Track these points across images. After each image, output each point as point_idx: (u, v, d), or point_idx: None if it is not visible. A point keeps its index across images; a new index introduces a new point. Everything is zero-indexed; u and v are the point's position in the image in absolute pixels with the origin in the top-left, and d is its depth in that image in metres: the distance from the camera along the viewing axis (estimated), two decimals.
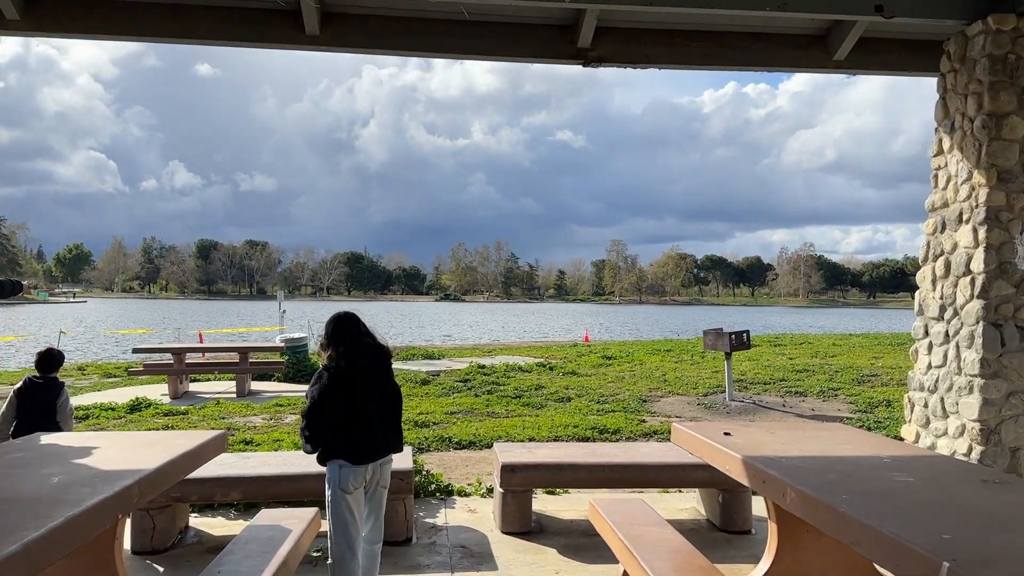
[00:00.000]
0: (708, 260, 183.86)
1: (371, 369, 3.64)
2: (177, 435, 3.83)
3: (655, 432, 8.64)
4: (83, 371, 17.84)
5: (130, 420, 9.97)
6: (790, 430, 3.95)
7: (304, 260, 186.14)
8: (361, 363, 3.59)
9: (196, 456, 3.37)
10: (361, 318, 3.81)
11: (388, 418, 3.70)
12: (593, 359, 16.89)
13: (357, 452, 3.58)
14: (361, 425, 3.55)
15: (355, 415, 3.54)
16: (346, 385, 3.53)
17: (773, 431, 3.86)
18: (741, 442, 3.49)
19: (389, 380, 3.75)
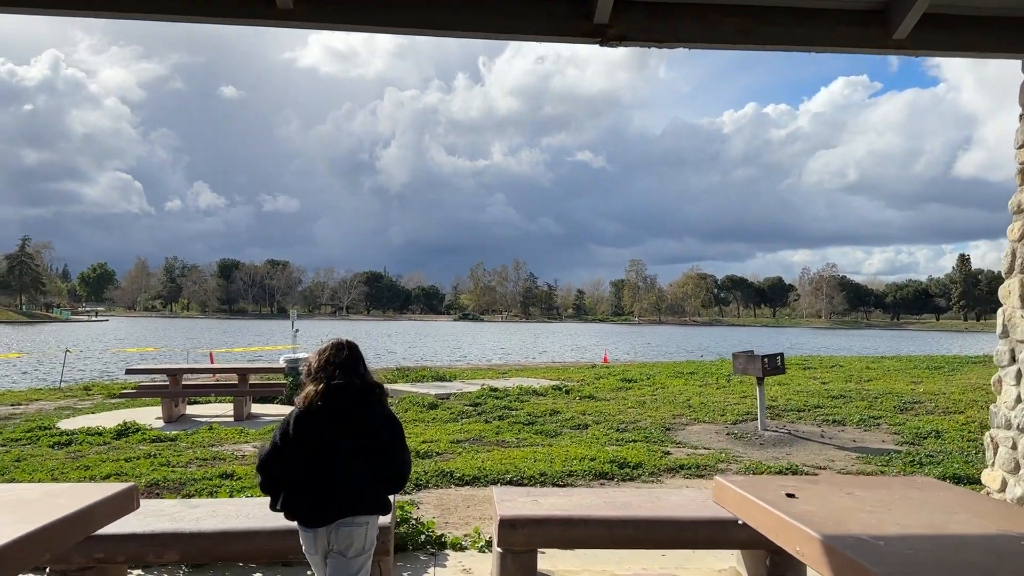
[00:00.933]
0: (728, 280, 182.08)
1: (352, 412, 3.07)
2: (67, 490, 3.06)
3: (681, 467, 7.76)
4: (88, 391, 17.24)
5: (114, 446, 9.25)
6: (872, 489, 3.08)
7: (324, 280, 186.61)
8: (343, 406, 3.05)
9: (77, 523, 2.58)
10: (361, 351, 3.25)
11: (368, 472, 3.07)
12: (612, 382, 15.99)
13: (308, 512, 3.03)
14: (319, 480, 2.99)
15: (316, 467, 2.99)
16: (317, 431, 3.00)
17: (850, 490, 2.99)
18: (813, 509, 2.63)
19: (374, 424, 3.10)
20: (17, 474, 7.22)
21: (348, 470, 3.01)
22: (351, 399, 3.06)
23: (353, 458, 3.02)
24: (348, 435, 3.03)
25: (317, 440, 3.00)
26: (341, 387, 3.04)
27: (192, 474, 7.20)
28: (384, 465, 3.09)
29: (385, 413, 3.17)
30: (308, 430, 3.00)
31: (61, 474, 7.30)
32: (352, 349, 3.19)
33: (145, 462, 7.91)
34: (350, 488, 3.01)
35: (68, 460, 8.20)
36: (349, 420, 3.05)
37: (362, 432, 3.05)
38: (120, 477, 7.07)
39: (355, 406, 3.07)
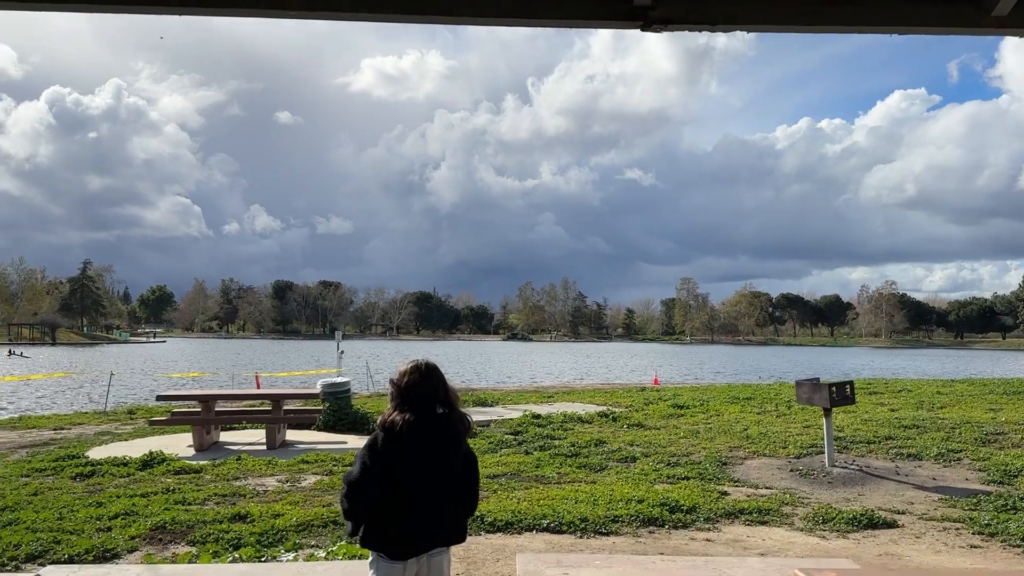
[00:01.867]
0: (783, 299, 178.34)
1: (440, 439, 3.06)
2: None
3: (741, 511, 6.95)
4: (132, 415, 17.08)
5: (136, 479, 8.81)
6: None
7: (375, 300, 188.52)
8: (429, 435, 3.02)
9: None
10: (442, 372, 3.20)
11: (452, 500, 3.08)
12: (662, 408, 15.14)
13: (399, 542, 2.97)
14: (410, 510, 2.97)
15: (405, 496, 2.97)
16: (404, 455, 2.98)
17: None
18: None
19: (459, 451, 3.14)
20: (25, 513, 6.79)
21: (437, 499, 3.01)
22: (437, 428, 3.04)
23: (440, 487, 3.03)
24: (434, 464, 3.03)
25: (405, 469, 2.97)
26: (428, 415, 3.02)
27: (205, 514, 6.68)
28: (463, 496, 3.13)
29: (466, 445, 3.20)
30: (395, 458, 2.97)
31: (71, 512, 6.85)
32: (433, 372, 3.13)
33: (161, 498, 7.43)
34: (440, 518, 3.02)
35: (85, 495, 7.78)
36: (435, 449, 3.04)
37: (446, 462, 3.06)
38: (129, 517, 6.58)
39: (441, 435, 3.05)
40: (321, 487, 8.11)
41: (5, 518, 6.62)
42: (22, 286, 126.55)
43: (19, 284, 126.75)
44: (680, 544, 5.97)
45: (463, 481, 3.12)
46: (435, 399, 3.08)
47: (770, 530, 6.52)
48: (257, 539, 5.74)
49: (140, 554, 5.53)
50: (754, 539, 6.20)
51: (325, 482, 8.36)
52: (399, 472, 2.96)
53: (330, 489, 7.98)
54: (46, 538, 5.73)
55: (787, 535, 6.38)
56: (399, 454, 2.97)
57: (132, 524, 6.30)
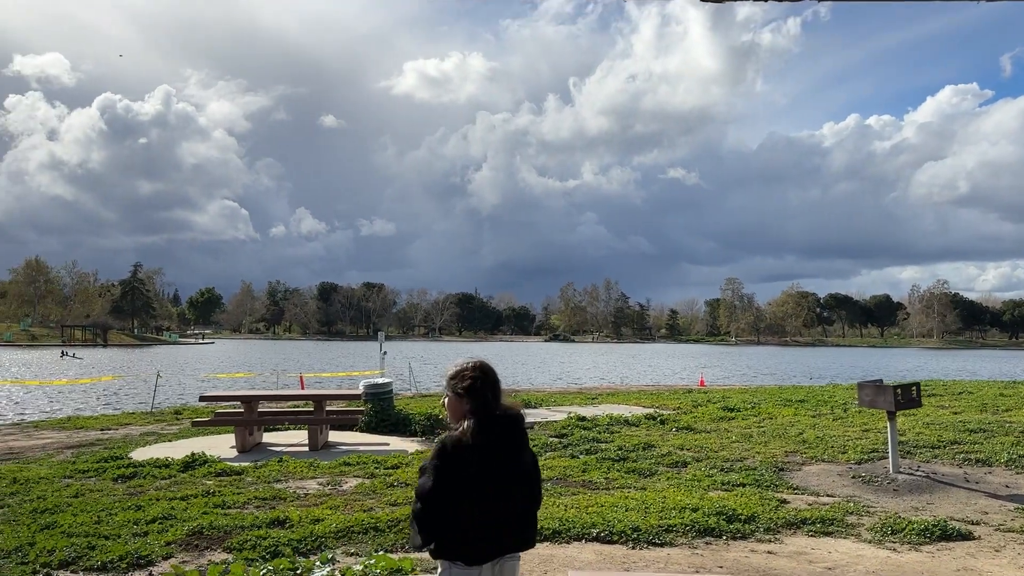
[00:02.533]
0: (831, 299, 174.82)
1: (507, 441, 2.97)
2: None
3: (803, 521, 6.53)
4: (178, 415, 17.17)
5: (177, 480, 8.70)
6: None
7: (418, 301, 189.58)
8: (500, 438, 2.94)
9: None
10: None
11: (524, 500, 3.01)
12: (712, 410, 14.66)
13: (478, 547, 2.87)
14: (490, 511, 2.88)
15: (485, 498, 2.87)
16: (479, 458, 2.87)
17: None
18: None
19: (525, 452, 3.07)
20: (63, 516, 6.68)
21: (511, 500, 2.94)
22: (507, 428, 2.97)
23: (513, 488, 2.95)
24: (506, 465, 2.95)
25: (481, 472, 2.87)
26: (496, 416, 2.94)
27: (244, 518, 6.50)
28: (532, 495, 3.06)
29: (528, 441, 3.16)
30: (470, 463, 2.87)
31: (109, 515, 6.73)
32: (492, 371, 3.05)
33: (200, 501, 7.28)
34: (514, 519, 2.96)
35: (125, 497, 7.68)
36: (506, 450, 2.96)
37: (516, 462, 2.99)
38: (167, 521, 6.43)
39: (510, 435, 2.98)
40: (362, 491, 7.90)
41: (44, 521, 6.52)
42: (75, 289, 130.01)
43: (72, 287, 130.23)
44: (740, 557, 5.60)
45: (532, 480, 3.08)
46: (497, 399, 3.02)
47: (836, 541, 6.11)
48: (295, 546, 5.53)
49: (175, 561, 5.36)
50: (820, 551, 5.80)
51: (366, 485, 8.14)
52: (475, 477, 2.88)
53: (371, 493, 7.76)
54: (81, 543, 5.59)
55: (855, 547, 5.96)
56: (474, 458, 2.89)
57: (169, 529, 6.15)
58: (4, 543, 5.70)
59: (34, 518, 6.67)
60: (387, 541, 5.78)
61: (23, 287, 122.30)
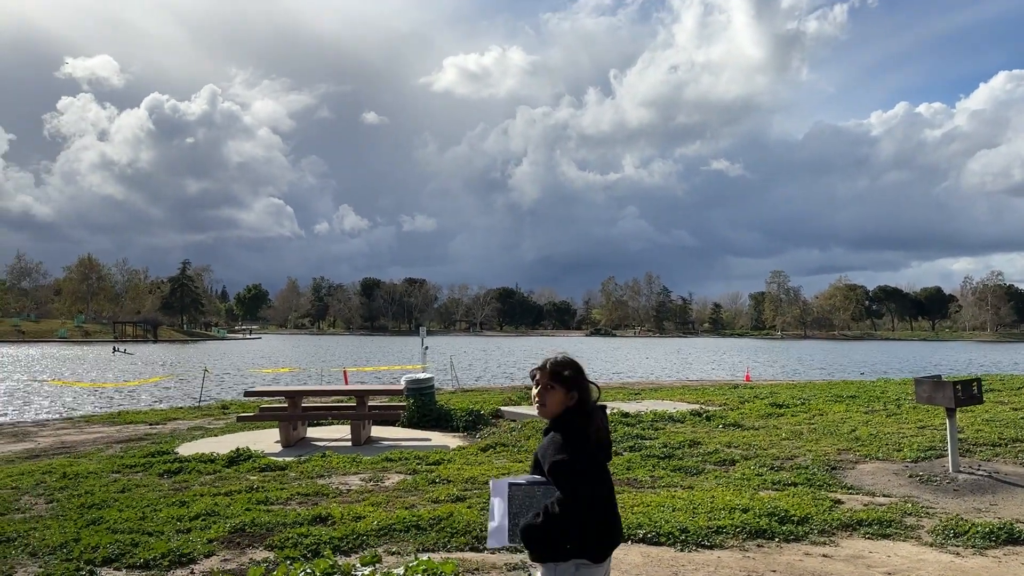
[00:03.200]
0: (880, 291, 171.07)
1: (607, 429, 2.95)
2: None
3: (859, 522, 6.27)
4: (225, 410, 17.40)
5: (222, 475, 8.74)
6: None
7: (459, 296, 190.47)
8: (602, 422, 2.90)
9: None
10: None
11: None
12: (759, 406, 14.33)
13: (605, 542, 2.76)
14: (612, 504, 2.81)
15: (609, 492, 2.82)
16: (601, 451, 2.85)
17: None
18: None
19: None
20: (109, 512, 6.73)
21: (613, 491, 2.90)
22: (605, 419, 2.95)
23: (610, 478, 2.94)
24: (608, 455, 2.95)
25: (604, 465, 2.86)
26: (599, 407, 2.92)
27: (286, 515, 6.46)
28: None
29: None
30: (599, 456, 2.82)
31: (154, 511, 6.76)
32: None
33: (244, 497, 7.28)
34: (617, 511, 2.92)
35: (170, 492, 7.72)
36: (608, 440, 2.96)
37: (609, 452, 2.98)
38: (210, 518, 6.42)
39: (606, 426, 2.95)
40: (404, 487, 7.83)
41: (90, 516, 6.57)
42: (126, 286, 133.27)
43: (123, 284, 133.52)
44: (794, 560, 5.37)
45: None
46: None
47: (895, 544, 5.84)
48: (336, 545, 5.46)
49: (216, 559, 5.33)
50: (878, 555, 5.55)
51: (408, 482, 8.07)
52: (602, 465, 2.85)
53: (413, 489, 7.69)
54: (125, 540, 5.59)
55: (916, 551, 5.69)
56: (599, 451, 2.84)
57: (212, 526, 6.13)
58: (51, 538, 5.74)
59: (81, 513, 6.73)
60: (428, 540, 5.68)
61: (77, 284, 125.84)
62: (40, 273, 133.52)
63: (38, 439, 13.07)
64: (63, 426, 15.19)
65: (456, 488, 7.55)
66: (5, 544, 5.71)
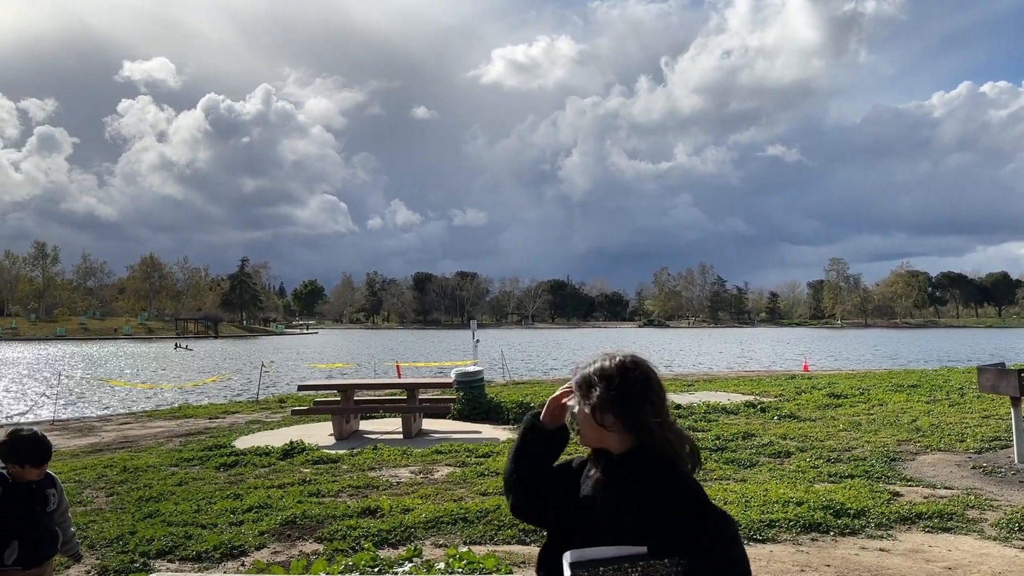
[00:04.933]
0: (944, 278, 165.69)
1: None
2: None
3: (919, 515, 6.06)
4: (282, 403, 17.74)
5: (276, 468, 8.90)
6: None
7: (510, 289, 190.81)
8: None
9: None
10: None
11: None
12: (817, 397, 14.00)
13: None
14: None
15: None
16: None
17: None
18: None
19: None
20: (165, 505, 6.91)
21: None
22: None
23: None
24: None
25: None
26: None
27: (336, 508, 6.54)
28: None
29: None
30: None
31: (209, 504, 6.91)
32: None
33: (296, 490, 7.40)
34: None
35: (226, 485, 7.89)
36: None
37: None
38: (262, 511, 6.54)
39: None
40: (453, 479, 7.86)
41: (148, 509, 6.75)
42: (187, 284, 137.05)
43: (184, 282, 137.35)
44: (849, 555, 5.22)
45: None
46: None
47: (956, 538, 5.63)
48: (384, 537, 5.50)
49: (267, 551, 5.42)
50: (938, 549, 5.35)
51: (457, 474, 8.10)
52: None
53: (461, 482, 7.71)
54: (179, 533, 5.73)
55: (978, 545, 5.48)
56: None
57: (264, 518, 6.24)
58: (108, 531, 5.91)
59: (139, 506, 6.92)
60: (476, 532, 5.68)
61: (140, 283, 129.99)
62: (104, 272, 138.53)
63: (102, 434, 13.48)
64: (126, 421, 15.65)
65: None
66: None
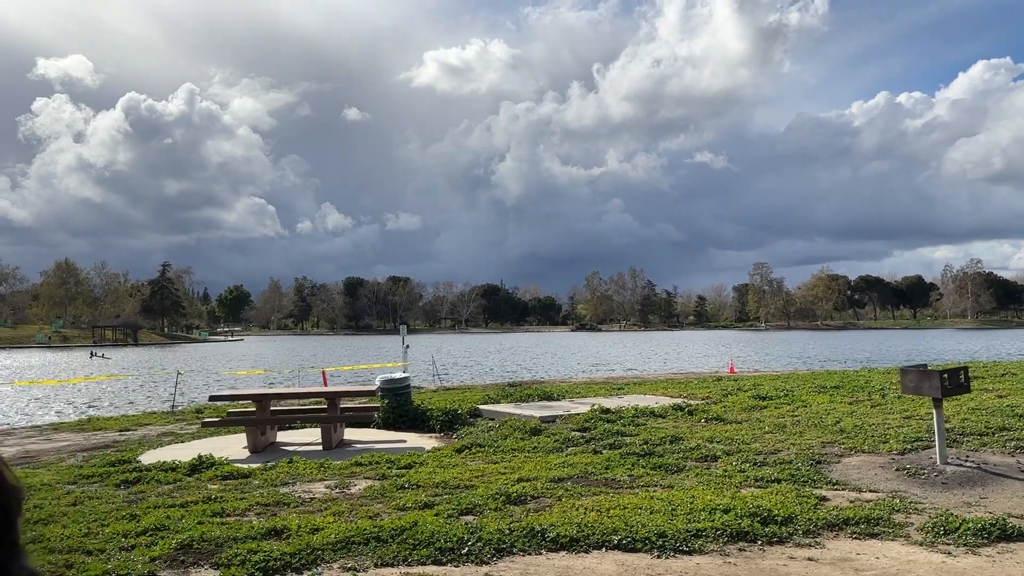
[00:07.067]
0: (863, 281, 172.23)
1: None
2: None
3: (846, 521, 5.95)
4: (199, 414, 16.90)
5: (181, 485, 8.31)
6: None
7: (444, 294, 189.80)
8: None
9: None
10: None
11: None
12: (743, 399, 14.05)
13: None
14: None
15: None
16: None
17: None
18: None
19: None
20: (53, 528, 6.31)
21: None
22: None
23: None
24: None
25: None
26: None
27: (239, 528, 6.06)
28: None
29: None
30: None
31: (102, 526, 6.34)
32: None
33: (199, 509, 6.87)
34: None
35: (123, 504, 7.29)
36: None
37: None
38: (158, 533, 6.02)
39: None
40: (370, 494, 7.45)
41: (33, 533, 6.15)
42: (105, 290, 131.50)
43: (102, 288, 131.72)
44: (777, 565, 5.05)
45: None
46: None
47: (883, 544, 5.53)
48: (287, 561, 5.08)
49: None
50: (866, 557, 5.23)
51: (375, 488, 7.69)
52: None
53: (380, 496, 7.31)
54: (60, 560, 5.19)
55: (905, 551, 5.39)
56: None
57: (159, 541, 5.73)
58: None
59: (23, 530, 6.29)
60: (389, 553, 5.31)
61: (54, 289, 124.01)
62: (17, 278, 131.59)
63: (1, 448, 12.57)
64: (29, 434, 14.66)
65: (425, 494, 7.19)
66: None
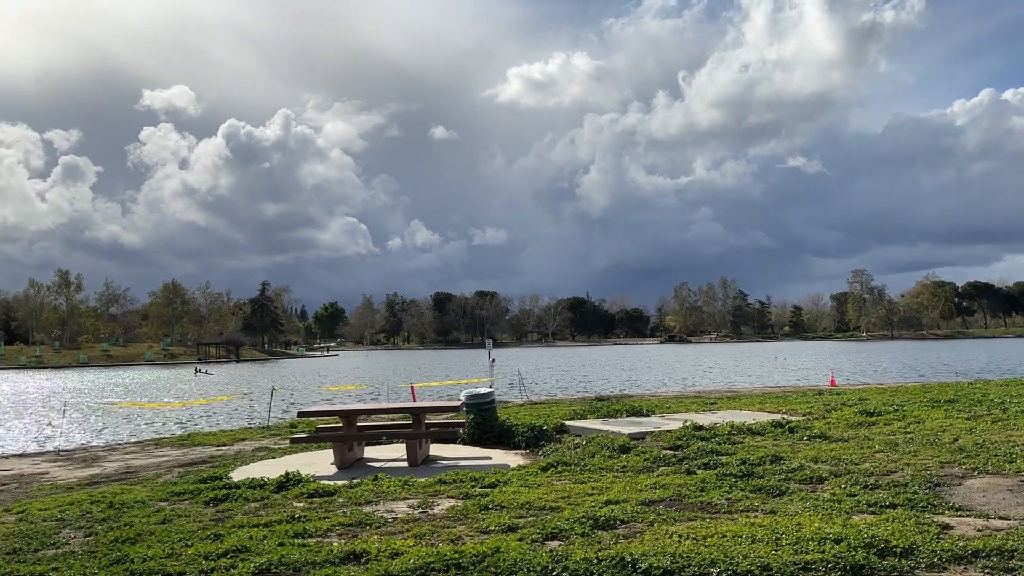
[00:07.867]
0: (971, 287, 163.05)
1: None
2: None
3: (975, 553, 5.31)
4: (293, 428, 17.18)
5: (268, 503, 8.29)
6: None
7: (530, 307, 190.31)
8: None
9: None
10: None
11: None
12: (848, 414, 13.20)
13: None
14: None
15: None
16: None
17: None
18: None
19: None
20: (138, 548, 6.31)
21: None
22: None
23: None
24: None
25: None
26: None
27: (319, 551, 5.91)
28: None
29: None
30: None
31: (185, 546, 6.31)
32: None
33: (282, 528, 6.78)
34: None
35: (209, 523, 7.29)
36: None
37: None
38: (239, 555, 5.92)
39: None
40: (453, 514, 7.20)
41: (119, 553, 6.16)
42: (210, 309, 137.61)
43: (207, 307, 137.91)
44: None
45: None
46: None
47: None
48: None
49: None
50: None
51: (458, 508, 7.45)
52: None
53: (462, 517, 7.05)
54: None
55: None
56: None
57: (239, 564, 5.63)
58: None
59: (111, 550, 6.33)
60: None
61: (162, 309, 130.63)
62: (127, 299, 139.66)
63: (105, 464, 13.01)
64: (132, 450, 15.18)
65: (509, 516, 6.89)
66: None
